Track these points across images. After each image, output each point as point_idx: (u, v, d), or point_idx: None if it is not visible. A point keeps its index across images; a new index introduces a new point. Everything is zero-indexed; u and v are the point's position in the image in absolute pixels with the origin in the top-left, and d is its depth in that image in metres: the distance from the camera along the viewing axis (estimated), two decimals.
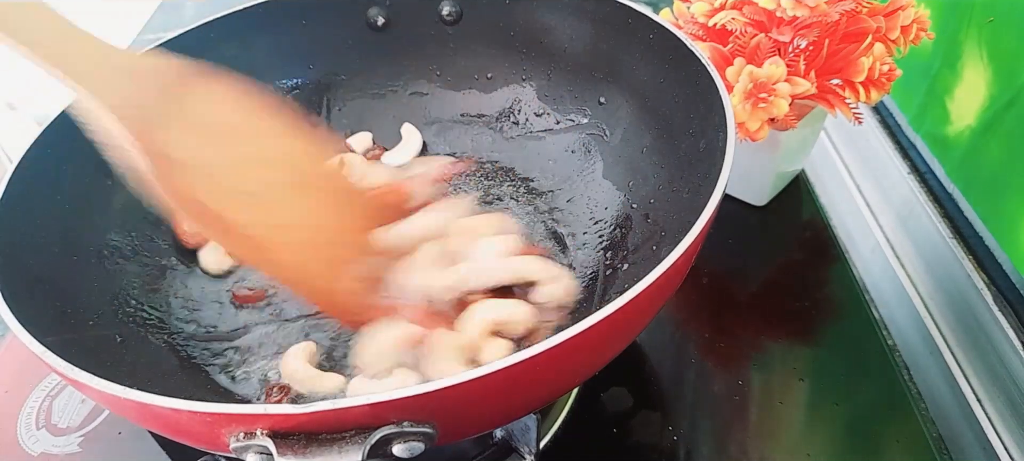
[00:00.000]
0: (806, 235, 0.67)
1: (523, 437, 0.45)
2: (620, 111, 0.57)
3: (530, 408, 0.42)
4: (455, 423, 0.32)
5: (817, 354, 0.56)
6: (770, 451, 0.49)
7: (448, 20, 0.62)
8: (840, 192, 0.74)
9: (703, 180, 0.44)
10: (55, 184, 0.47)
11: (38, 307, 0.40)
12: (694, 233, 0.36)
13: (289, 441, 0.29)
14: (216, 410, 0.30)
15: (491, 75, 0.63)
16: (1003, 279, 0.56)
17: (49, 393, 0.54)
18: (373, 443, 0.29)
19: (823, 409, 0.52)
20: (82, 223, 0.49)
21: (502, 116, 0.63)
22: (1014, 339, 0.53)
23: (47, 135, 0.47)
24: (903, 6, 0.55)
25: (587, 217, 0.56)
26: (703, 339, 0.57)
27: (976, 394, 0.55)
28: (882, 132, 0.73)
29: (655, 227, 0.50)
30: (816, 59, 0.55)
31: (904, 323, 0.61)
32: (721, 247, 0.63)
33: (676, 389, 0.54)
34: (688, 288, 0.58)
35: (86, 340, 0.42)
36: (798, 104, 0.56)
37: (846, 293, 0.60)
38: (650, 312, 0.39)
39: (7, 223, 0.42)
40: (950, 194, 0.64)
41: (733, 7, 0.55)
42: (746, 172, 0.64)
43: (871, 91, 0.54)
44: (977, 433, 0.54)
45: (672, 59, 0.50)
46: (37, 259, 0.44)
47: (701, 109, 0.47)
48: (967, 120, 0.61)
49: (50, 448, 0.50)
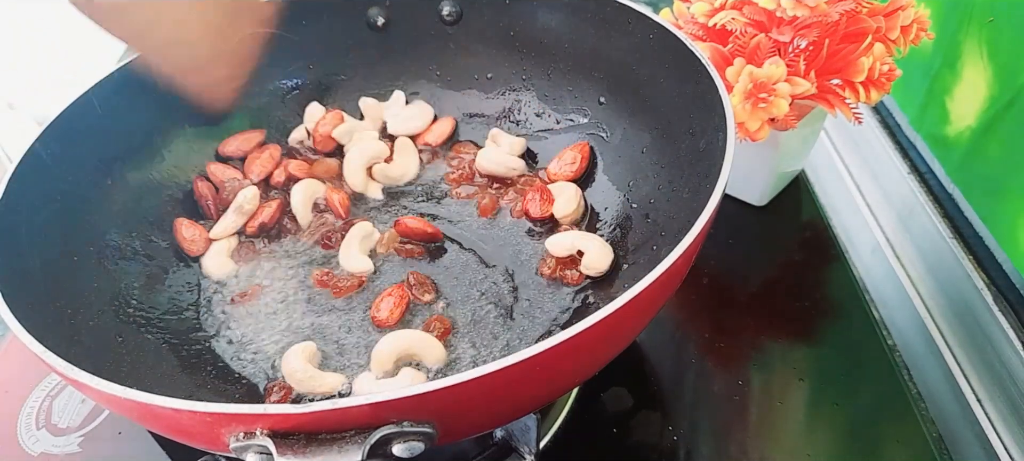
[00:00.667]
0: (806, 235, 0.67)
1: (523, 437, 0.45)
2: (620, 111, 0.57)
3: (530, 408, 0.42)
4: (455, 423, 0.32)
5: (817, 354, 0.56)
6: (770, 451, 0.49)
7: (448, 20, 0.62)
8: (840, 192, 0.74)
9: (703, 180, 0.44)
10: (55, 184, 0.47)
11: (38, 307, 0.40)
12: (694, 233, 0.36)
13: (289, 441, 0.29)
14: (216, 410, 0.30)
15: (491, 75, 0.63)
16: (1003, 279, 0.56)
17: (49, 393, 0.54)
18: (373, 443, 0.29)
19: (823, 409, 0.52)
20: (82, 223, 0.49)
21: (502, 116, 0.63)
22: (1014, 339, 0.53)
23: (47, 135, 0.47)
24: (903, 6, 0.55)
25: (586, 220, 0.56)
26: (703, 339, 0.57)
27: (976, 394, 0.55)
28: (882, 132, 0.73)
29: (655, 227, 0.50)
30: (816, 59, 0.55)
31: (904, 323, 0.61)
32: (721, 247, 0.63)
33: (676, 389, 0.54)
34: (688, 288, 0.58)
35: (86, 340, 0.42)
36: (798, 104, 0.56)
37: (846, 293, 0.60)
38: (650, 312, 0.39)
39: (7, 223, 0.42)
40: (950, 194, 0.64)
41: (733, 7, 0.55)
42: (746, 172, 0.64)
43: (871, 91, 0.54)
44: (977, 433, 0.54)
45: (672, 59, 0.50)
46: (37, 259, 0.44)
47: (701, 109, 0.47)
48: (967, 120, 0.61)
49: (50, 448, 0.50)
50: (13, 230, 0.42)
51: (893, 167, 0.70)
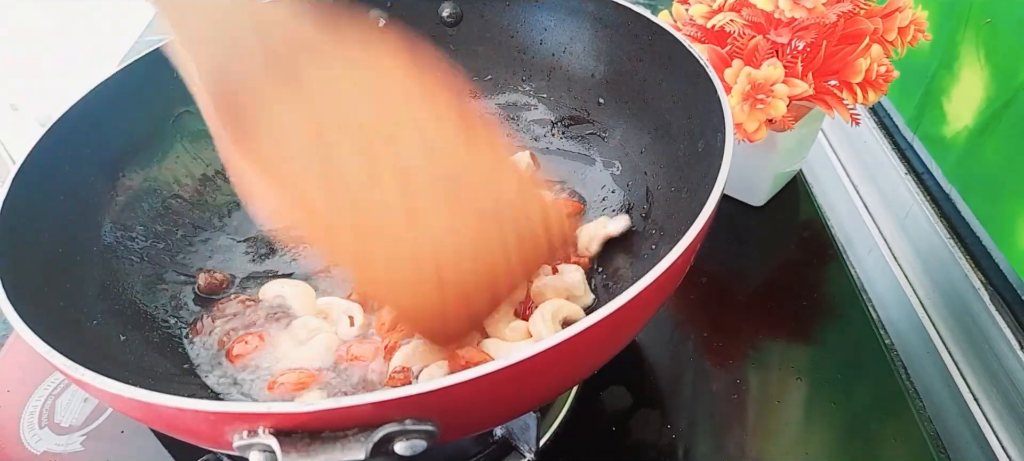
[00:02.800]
0: (804, 235, 0.67)
1: (523, 435, 0.46)
2: (620, 111, 0.57)
3: (531, 406, 0.42)
4: (457, 421, 0.33)
5: (815, 353, 0.57)
6: (768, 449, 0.49)
7: (448, 22, 0.63)
8: (838, 193, 0.74)
9: (702, 180, 0.44)
10: (58, 185, 0.48)
11: (42, 307, 0.40)
12: (693, 233, 0.36)
13: (293, 439, 0.29)
14: (220, 409, 0.30)
15: (491, 76, 0.63)
16: (1000, 279, 0.57)
17: (52, 392, 0.54)
18: (376, 441, 0.29)
19: (821, 408, 0.52)
20: (85, 223, 0.49)
21: (502, 117, 0.63)
22: (1011, 338, 0.53)
23: (50, 136, 0.47)
24: (901, 8, 0.55)
25: (587, 217, 0.56)
26: (702, 338, 0.57)
27: (973, 392, 0.55)
28: (880, 133, 0.73)
29: (654, 227, 0.51)
30: (813, 60, 0.55)
31: (902, 322, 0.61)
32: (719, 247, 0.63)
33: (675, 388, 0.54)
34: (687, 288, 0.59)
35: (90, 339, 0.43)
36: (796, 105, 0.57)
37: (844, 293, 0.60)
38: (649, 312, 0.39)
39: (11, 223, 0.42)
40: (947, 194, 0.64)
41: (731, 9, 0.55)
42: (744, 173, 0.65)
43: (868, 92, 0.54)
44: (974, 431, 0.54)
45: (671, 60, 0.51)
46: (41, 259, 0.44)
47: (700, 110, 0.47)
48: (965, 121, 0.61)
49: (53, 447, 0.50)
50: (17, 230, 0.42)
51: (891, 168, 0.70)
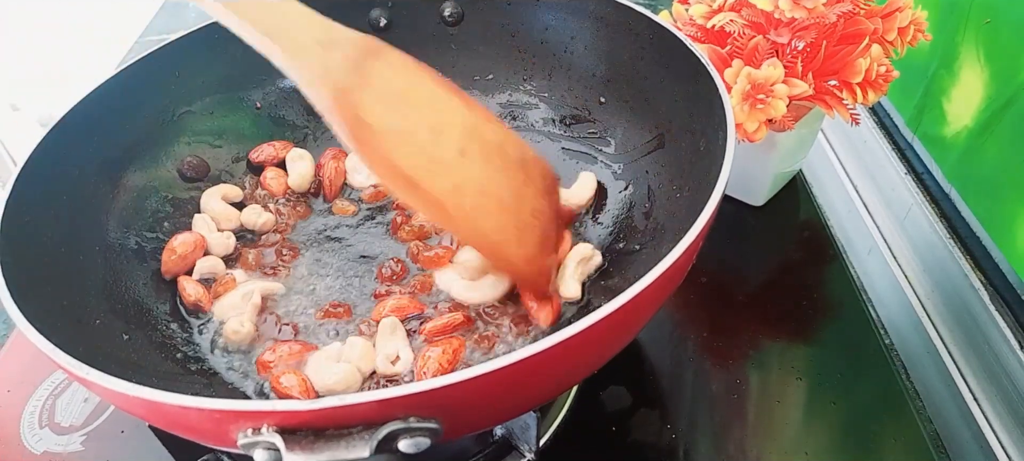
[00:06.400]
0: (804, 235, 0.67)
1: (523, 435, 0.46)
2: (620, 111, 0.58)
3: (532, 404, 0.42)
4: (460, 419, 0.33)
5: (815, 353, 0.57)
6: (768, 449, 0.50)
7: (449, 21, 0.63)
8: (838, 192, 0.74)
9: (703, 180, 0.44)
10: (60, 185, 0.48)
11: (45, 306, 0.40)
12: (694, 232, 0.36)
13: (297, 437, 0.29)
14: (224, 407, 0.30)
15: (492, 75, 0.63)
16: (1000, 279, 0.57)
17: (52, 392, 0.54)
18: (380, 439, 0.29)
19: (821, 408, 0.52)
20: (87, 223, 0.49)
21: (503, 116, 0.63)
22: (1010, 338, 0.54)
23: (51, 136, 0.48)
24: (900, 8, 0.55)
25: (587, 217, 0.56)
26: (702, 338, 0.57)
27: (973, 392, 0.55)
28: (879, 133, 0.74)
29: (655, 226, 0.51)
30: (813, 60, 0.55)
31: (901, 322, 0.61)
32: (720, 247, 0.63)
33: (675, 388, 0.54)
34: (687, 287, 0.59)
35: (93, 338, 0.43)
36: (796, 105, 0.57)
37: (844, 293, 0.61)
38: (650, 311, 0.39)
39: (13, 223, 0.42)
40: (947, 194, 0.64)
41: (731, 9, 0.55)
42: (744, 172, 0.65)
43: (868, 92, 0.55)
44: (974, 431, 0.54)
45: (672, 59, 0.51)
46: (43, 259, 0.44)
47: (701, 109, 0.47)
48: (964, 121, 0.61)
49: (53, 446, 0.50)
50: (20, 230, 0.42)
51: (890, 168, 0.70)
